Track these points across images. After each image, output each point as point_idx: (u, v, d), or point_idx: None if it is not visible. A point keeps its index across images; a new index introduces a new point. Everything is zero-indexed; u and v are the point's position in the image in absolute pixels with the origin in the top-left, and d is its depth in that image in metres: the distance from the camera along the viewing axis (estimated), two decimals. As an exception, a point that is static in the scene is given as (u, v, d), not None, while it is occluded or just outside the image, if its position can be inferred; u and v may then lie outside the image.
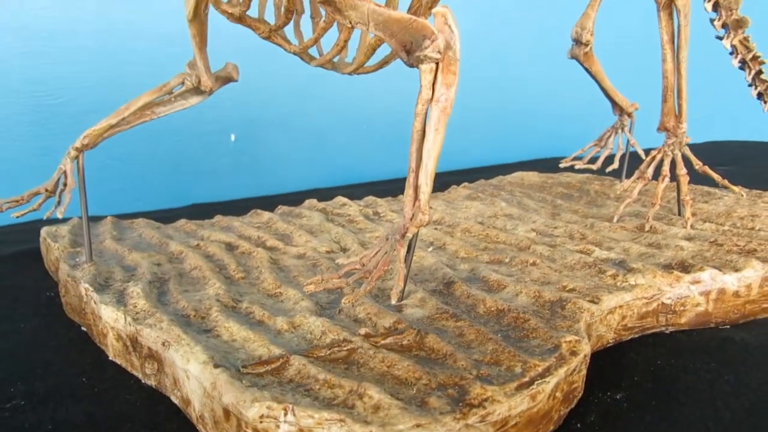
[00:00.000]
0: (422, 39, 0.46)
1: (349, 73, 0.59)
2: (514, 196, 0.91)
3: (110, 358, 0.51)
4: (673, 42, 0.71)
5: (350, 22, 0.48)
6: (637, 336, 0.54)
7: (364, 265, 0.52)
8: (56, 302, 0.64)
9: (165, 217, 1.02)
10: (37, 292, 0.67)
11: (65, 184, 0.62)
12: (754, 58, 0.88)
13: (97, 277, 0.57)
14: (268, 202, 1.12)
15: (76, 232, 0.74)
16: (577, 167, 1.02)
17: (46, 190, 0.63)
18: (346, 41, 0.55)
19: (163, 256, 0.65)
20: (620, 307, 0.52)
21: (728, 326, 0.56)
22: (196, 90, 0.64)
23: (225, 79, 0.66)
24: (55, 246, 0.68)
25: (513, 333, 0.46)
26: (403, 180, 0.47)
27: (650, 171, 0.76)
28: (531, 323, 0.47)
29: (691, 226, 0.71)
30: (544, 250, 0.64)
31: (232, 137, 1.25)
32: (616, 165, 0.98)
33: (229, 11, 0.54)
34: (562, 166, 1.03)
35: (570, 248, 0.64)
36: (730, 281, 0.55)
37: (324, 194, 1.20)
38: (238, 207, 1.08)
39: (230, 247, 0.68)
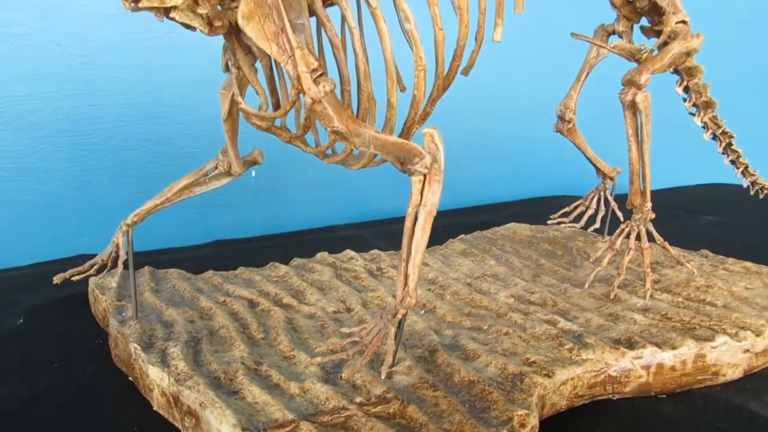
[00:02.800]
0: (413, 156, 0.58)
1: (357, 169, 0.71)
2: (504, 252, 1.02)
3: (154, 409, 0.63)
4: (637, 135, 0.82)
5: (354, 146, 0.60)
6: (587, 402, 0.65)
7: (362, 338, 0.64)
8: (104, 350, 0.76)
9: (191, 257, 1.14)
10: (87, 340, 0.79)
11: (116, 253, 0.74)
12: (723, 132, 0.99)
13: (143, 335, 0.69)
14: (285, 242, 1.25)
15: (120, 283, 0.85)
16: (562, 226, 1.13)
17: (102, 260, 0.75)
18: (352, 150, 0.66)
19: (195, 312, 0.77)
20: (572, 379, 0.63)
21: (665, 395, 0.67)
22: (227, 173, 0.77)
23: (251, 162, 0.78)
24: (103, 298, 0.80)
25: (478, 404, 0.57)
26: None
27: (619, 242, 0.87)
28: (493, 395, 0.58)
29: (650, 296, 0.81)
30: (518, 318, 0.75)
31: (253, 173, 1.37)
32: (597, 225, 1.09)
33: (258, 123, 0.66)
34: (549, 223, 1.15)
35: (540, 317, 0.75)
36: (667, 357, 0.66)
37: (336, 233, 1.32)
38: (256, 247, 1.21)
39: (252, 304, 0.80)
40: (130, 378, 0.69)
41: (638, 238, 0.86)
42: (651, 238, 0.86)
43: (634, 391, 0.67)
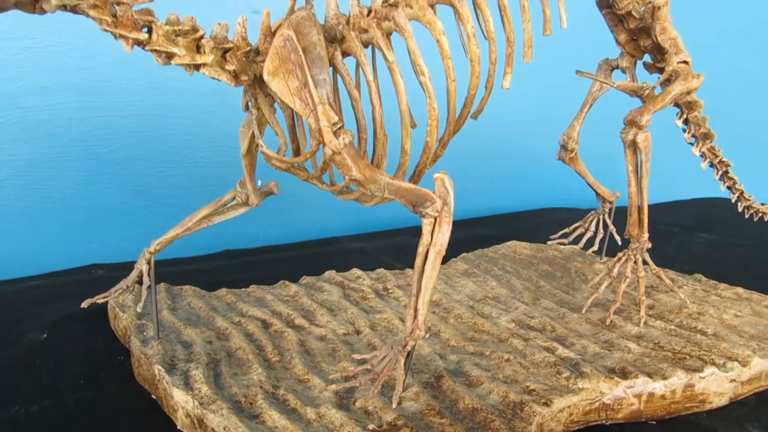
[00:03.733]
0: (424, 201, 0.62)
1: (370, 206, 0.75)
2: (505, 273, 1.07)
3: (178, 427, 0.68)
4: (636, 172, 0.86)
5: (370, 192, 0.64)
6: (582, 427, 0.70)
7: (373, 366, 0.68)
8: (126, 366, 0.80)
9: (202, 269, 1.19)
10: (110, 356, 0.83)
11: (139, 278, 0.79)
12: (720, 161, 1.04)
13: (165, 356, 0.74)
14: (292, 254, 1.29)
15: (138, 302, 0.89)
16: (561, 247, 1.18)
17: (126, 286, 0.79)
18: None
19: (212, 332, 0.82)
20: (568, 407, 0.68)
21: (655, 422, 0.72)
22: (244, 204, 0.81)
23: (267, 193, 0.82)
24: (124, 316, 0.85)
25: (481, 431, 0.62)
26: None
27: (616, 269, 0.91)
28: (495, 423, 0.62)
29: (644, 323, 0.86)
30: (519, 344, 0.80)
31: (259, 182, 1.40)
32: (596, 247, 1.14)
33: (277, 165, 0.70)
34: (549, 243, 1.19)
35: (540, 343, 0.80)
36: (658, 387, 0.71)
37: (341, 245, 1.36)
38: (265, 260, 1.25)
39: (265, 325, 0.84)
40: (153, 396, 0.74)
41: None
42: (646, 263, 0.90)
43: (625, 418, 0.71)
